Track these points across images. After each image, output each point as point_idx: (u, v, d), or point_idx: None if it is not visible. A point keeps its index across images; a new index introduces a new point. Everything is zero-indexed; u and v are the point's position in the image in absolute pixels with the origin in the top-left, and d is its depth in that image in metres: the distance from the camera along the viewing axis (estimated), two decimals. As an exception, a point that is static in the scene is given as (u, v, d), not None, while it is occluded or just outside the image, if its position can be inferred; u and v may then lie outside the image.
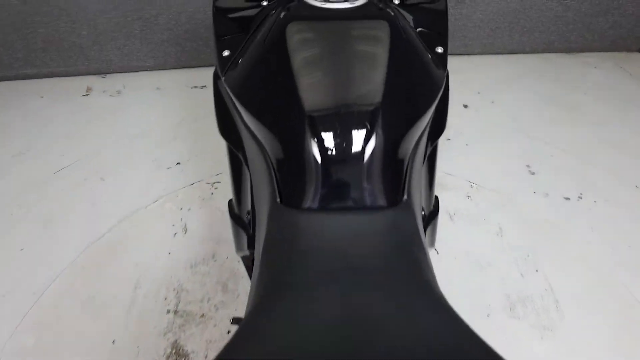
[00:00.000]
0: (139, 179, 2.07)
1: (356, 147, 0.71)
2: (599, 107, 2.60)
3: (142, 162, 2.17)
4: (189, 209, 1.91)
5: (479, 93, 2.71)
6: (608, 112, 2.56)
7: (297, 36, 0.79)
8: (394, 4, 1.06)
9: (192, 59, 2.80)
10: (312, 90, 0.73)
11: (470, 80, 2.80)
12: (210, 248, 1.75)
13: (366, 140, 0.71)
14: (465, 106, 2.61)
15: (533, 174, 2.20)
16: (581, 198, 2.08)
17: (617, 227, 1.94)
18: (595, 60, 2.99)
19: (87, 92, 2.68)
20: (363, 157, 0.71)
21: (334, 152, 0.70)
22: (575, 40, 2.97)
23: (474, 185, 2.10)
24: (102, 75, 2.81)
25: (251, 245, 1.07)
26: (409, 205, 0.76)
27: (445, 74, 0.96)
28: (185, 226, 1.84)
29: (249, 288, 1.21)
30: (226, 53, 0.93)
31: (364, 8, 0.84)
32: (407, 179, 0.78)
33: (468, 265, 1.75)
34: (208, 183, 2.04)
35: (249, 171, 0.95)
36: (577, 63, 2.96)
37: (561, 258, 1.79)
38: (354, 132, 0.71)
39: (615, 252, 1.84)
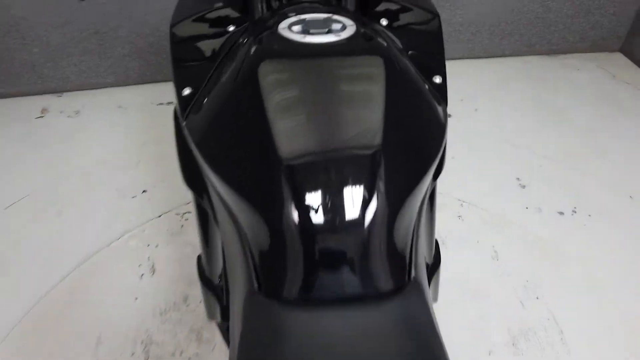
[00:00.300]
0: (101, 211, 1.88)
1: (352, 218, 0.56)
2: (584, 111, 2.51)
3: (104, 191, 1.98)
4: (156, 246, 1.73)
5: (461, 101, 2.59)
6: (594, 118, 2.47)
7: (273, 79, 0.64)
8: (381, 25, 0.92)
9: (157, 73, 2.61)
10: (295, 148, 0.58)
11: (451, 87, 2.67)
12: (182, 290, 1.58)
13: (364, 209, 0.56)
14: (449, 115, 2.48)
15: (524, 187, 2.09)
16: (575, 212, 1.98)
17: (615, 243, 1.84)
18: (577, 62, 2.91)
19: (41, 113, 2.46)
20: (361, 231, 0.57)
21: (324, 226, 0.55)
22: (556, 42, 2.88)
23: (464, 203, 1.97)
24: (59, 94, 2.59)
25: (225, 317, 0.91)
26: (417, 284, 0.61)
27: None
28: (153, 266, 1.66)
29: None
30: (187, 91, 0.78)
31: (351, 41, 0.69)
32: (414, 250, 0.63)
33: (465, 294, 1.62)
34: (177, 214, 1.86)
35: (220, 232, 0.79)
36: (559, 65, 2.87)
37: (561, 282, 1.68)
38: (349, 200, 0.56)
39: (615, 271, 1.73)
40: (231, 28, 0.91)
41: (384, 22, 0.93)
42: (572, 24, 2.81)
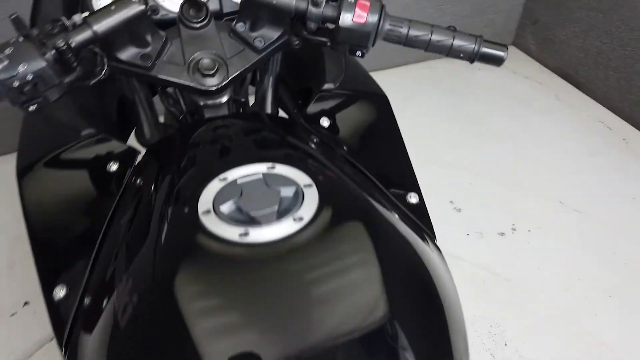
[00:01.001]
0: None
1: None
2: (498, 116, 2.47)
3: (-30, 314, 1.54)
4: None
5: (376, 120, 2.44)
6: (509, 121, 2.44)
7: (215, 323, 0.38)
8: (324, 128, 0.68)
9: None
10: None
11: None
12: None
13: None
14: (367, 139, 2.31)
15: (459, 210, 1.97)
16: (515, 230, 1.91)
17: (560, 259, 1.79)
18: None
19: None
20: None
21: None
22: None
23: (407, 245, 1.81)
24: None
25: None
26: None
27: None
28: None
29: None
30: (61, 293, 0.52)
31: (319, 229, 0.44)
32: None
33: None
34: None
35: None
36: (461, 67, 2.83)
37: (524, 319, 1.58)
38: None
39: (570, 290, 1.67)
40: (113, 167, 0.62)
41: (325, 122, 0.69)
42: (467, 24, 2.77)
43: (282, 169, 0.50)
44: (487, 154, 2.25)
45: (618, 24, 2.33)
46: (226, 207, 0.46)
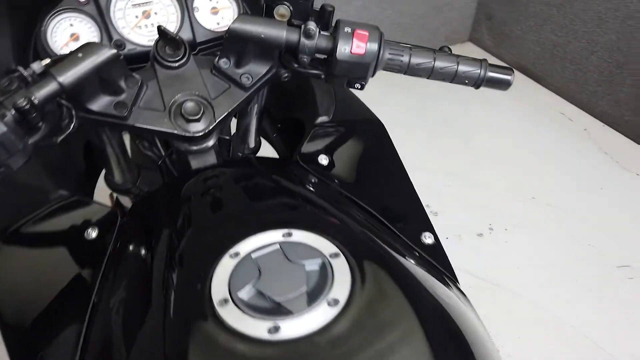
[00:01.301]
0: None
1: None
2: (463, 115, 2.48)
3: None
4: None
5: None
6: (473, 121, 2.46)
7: None
8: (321, 166, 0.63)
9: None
10: None
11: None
12: None
13: None
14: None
15: (436, 214, 1.96)
16: (492, 229, 1.91)
17: (539, 254, 1.81)
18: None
19: None
20: None
21: None
22: (413, 43, 2.82)
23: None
24: None
25: None
26: None
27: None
28: None
29: None
30: None
31: (356, 310, 0.39)
32: None
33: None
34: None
35: None
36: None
37: (508, 318, 1.58)
38: None
39: (551, 285, 1.69)
40: (93, 234, 0.55)
41: (323, 160, 0.64)
42: (425, 23, 2.78)
43: (300, 236, 0.44)
44: (456, 155, 2.25)
45: (572, 17, 2.38)
46: (245, 293, 0.40)
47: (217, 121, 0.62)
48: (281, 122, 0.82)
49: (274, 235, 0.44)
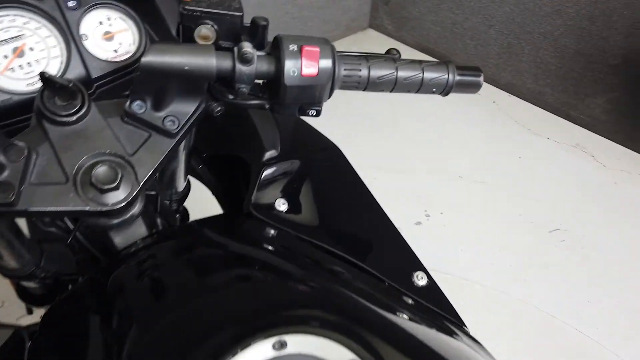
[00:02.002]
0: None
1: None
2: (378, 105, 2.45)
3: None
4: None
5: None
6: (390, 109, 2.44)
7: None
8: (280, 213, 0.52)
9: None
10: None
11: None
12: None
13: None
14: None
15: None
16: (429, 215, 1.90)
17: (477, 233, 1.82)
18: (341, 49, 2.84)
19: None
20: None
21: None
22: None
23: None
24: None
25: None
26: None
27: None
28: None
29: None
30: None
31: None
32: None
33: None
34: None
35: None
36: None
37: (461, 303, 1.56)
38: None
39: (496, 262, 1.70)
40: None
41: (281, 205, 0.53)
42: (324, 14, 2.70)
43: (297, 343, 0.33)
44: (380, 146, 2.22)
45: (466, -6, 2.43)
46: None
47: (141, 184, 0.48)
48: (215, 161, 0.68)
49: (262, 350, 0.32)
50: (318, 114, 0.53)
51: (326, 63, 0.49)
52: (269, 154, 0.59)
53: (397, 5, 2.79)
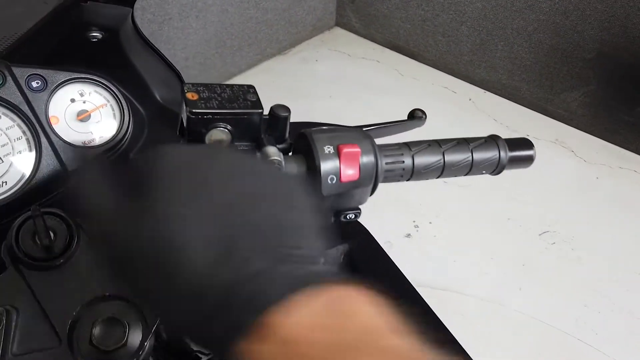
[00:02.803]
0: None
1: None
2: (348, 107, 2.37)
3: None
4: None
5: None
6: (360, 110, 2.36)
7: None
8: None
9: None
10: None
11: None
12: None
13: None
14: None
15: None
16: (418, 226, 1.85)
17: (468, 241, 1.78)
18: (310, 52, 2.74)
19: None
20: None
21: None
22: (283, 39, 2.64)
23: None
24: None
25: None
26: None
27: None
28: None
29: None
30: None
31: None
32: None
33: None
34: None
35: None
36: (298, 61, 2.66)
37: (459, 318, 1.53)
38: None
39: (489, 271, 1.67)
40: None
41: None
42: (290, 16, 2.59)
43: None
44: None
45: (435, -9, 2.36)
46: None
47: (154, 328, 0.39)
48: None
49: None
50: (357, 217, 0.45)
51: (368, 162, 0.41)
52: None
53: (364, 3, 2.70)
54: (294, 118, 0.43)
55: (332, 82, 2.52)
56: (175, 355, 0.57)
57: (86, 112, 0.54)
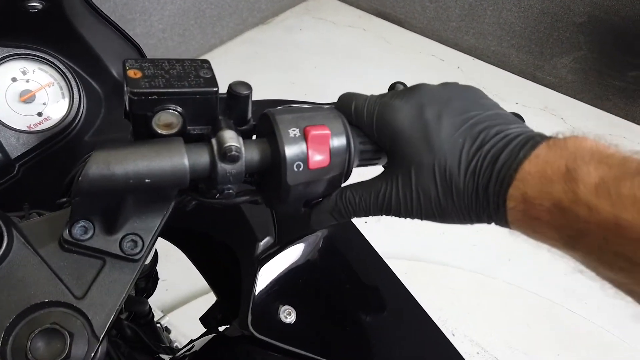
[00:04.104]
0: None
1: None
2: (335, 77, 2.30)
3: None
4: None
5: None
6: (347, 80, 2.30)
7: None
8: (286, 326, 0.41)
9: None
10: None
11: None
12: None
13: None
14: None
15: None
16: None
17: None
18: (294, 20, 2.65)
19: None
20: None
21: None
22: (265, 7, 2.55)
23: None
24: None
25: None
26: None
27: None
28: None
29: None
30: None
31: None
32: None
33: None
34: None
35: None
36: (282, 31, 2.57)
37: (457, 298, 1.51)
38: None
39: (477, 252, 1.65)
40: None
41: (288, 316, 0.44)
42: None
43: None
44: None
45: (422, -46, 2.27)
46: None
47: (101, 338, 0.35)
48: (192, 251, 0.54)
49: None
50: None
51: (339, 145, 0.37)
52: (263, 244, 0.46)
53: (349, -32, 2.60)
54: (276, 92, 0.38)
55: (317, 52, 2.44)
56: (141, 354, 0.53)
57: (30, 93, 0.49)
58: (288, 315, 0.43)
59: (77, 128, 0.52)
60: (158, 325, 0.76)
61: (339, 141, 0.37)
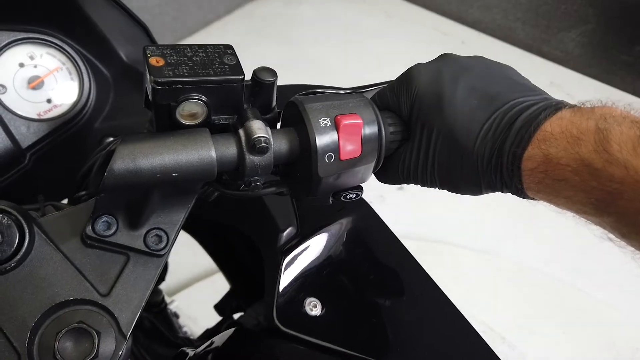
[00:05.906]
0: None
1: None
2: (336, 50, 2.26)
3: None
4: None
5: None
6: (348, 53, 2.25)
7: None
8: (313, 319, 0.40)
9: None
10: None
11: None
12: None
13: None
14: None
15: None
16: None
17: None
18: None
19: None
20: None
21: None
22: None
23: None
24: None
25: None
26: None
27: None
28: None
29: None
30: None
31: None
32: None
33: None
34: None
35: None
36: (280, 5, 2.51)
37: (457, 275, 1.52)
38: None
39: (486, 229, 1.65)
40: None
41: (314, 308, 0.44)
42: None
43: None
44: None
45: None
46: None
47: (128, 335, 0.34)
48: (205, 240, 0.53)
49: None
50: (358, 196, 0.40)
51: (371, 134, 0.35)
52: (286, 235, 0.45)
53: (350, -61, 2.52)
54: (277, 68, 0.36)
55: (318, 26, 2.39)
56: (160, 346, 0.52)
57: (39, 78, 0.46)
58: (314, 307, 0.42)
59: (87, 114, 0.50)
60: (168, 311, 0.76)
61: (370, 130, 0.35)
